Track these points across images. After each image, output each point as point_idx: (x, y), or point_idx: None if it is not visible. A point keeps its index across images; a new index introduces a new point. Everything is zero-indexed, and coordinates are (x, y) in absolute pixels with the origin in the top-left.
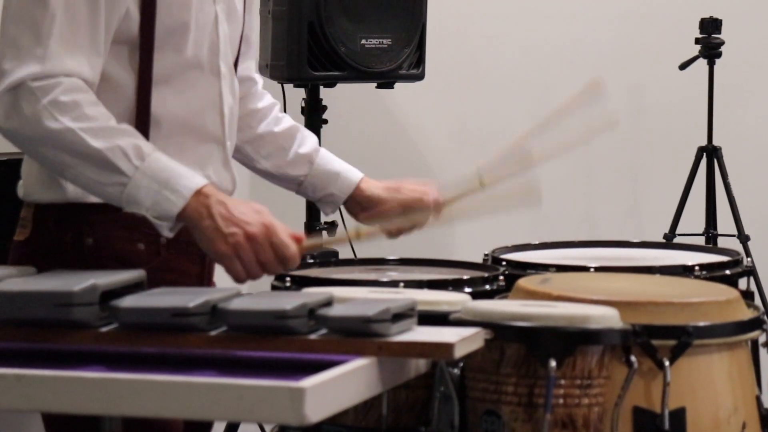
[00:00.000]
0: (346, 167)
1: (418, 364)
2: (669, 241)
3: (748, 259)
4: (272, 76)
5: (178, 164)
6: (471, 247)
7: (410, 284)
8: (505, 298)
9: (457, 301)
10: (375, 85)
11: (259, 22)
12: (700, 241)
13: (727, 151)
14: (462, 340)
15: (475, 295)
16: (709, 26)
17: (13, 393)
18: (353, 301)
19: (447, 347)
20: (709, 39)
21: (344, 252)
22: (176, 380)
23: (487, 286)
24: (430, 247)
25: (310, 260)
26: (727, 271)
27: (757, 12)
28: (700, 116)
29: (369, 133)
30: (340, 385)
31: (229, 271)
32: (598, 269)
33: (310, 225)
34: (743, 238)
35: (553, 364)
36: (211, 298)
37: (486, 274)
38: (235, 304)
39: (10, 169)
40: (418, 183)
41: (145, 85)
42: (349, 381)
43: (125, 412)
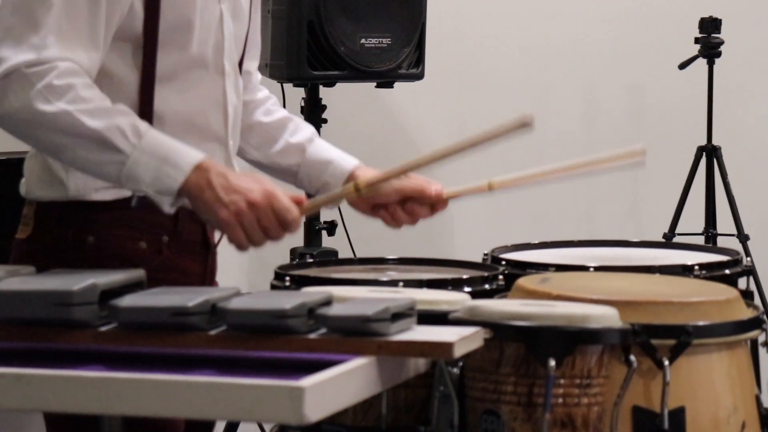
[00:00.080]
0: (341, 155)
1: (418, 364)
2: (668, 241)
3: (748, 259)
4: (272, 76)
5: (176, 141)
6: (471, 246)
7: (410, 284)
8: (504, 297)
9: (456, 300)
10: (374, 84)
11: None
12: (700, 240)
13: (726, 151)
14: (461, 339)
15: (474, 295)
16: (709, 26)
17: (12, 393)
18: (352, 300)
19: (446, 347)
20: (709, 39)
21: (344, 252)
22: (176, 379)
23: (487, 286)
24: (430, 246)
25: (309, 260)
26: (727, 271)
27: (757, 12)
28: (699, 116)
29: (368, 132)
30: (340, 385)
31: (231, 240)
32: (598, 269)
33: (309, 224)
34: (743, 238)
35: (553, 363)
36: (210, 298)
37: (485, 274)
38: (235, 304)
39: (12, 168)
40: (421, 177)
41: (149, 83)
42: (348, 380)
43: (125, 412)
